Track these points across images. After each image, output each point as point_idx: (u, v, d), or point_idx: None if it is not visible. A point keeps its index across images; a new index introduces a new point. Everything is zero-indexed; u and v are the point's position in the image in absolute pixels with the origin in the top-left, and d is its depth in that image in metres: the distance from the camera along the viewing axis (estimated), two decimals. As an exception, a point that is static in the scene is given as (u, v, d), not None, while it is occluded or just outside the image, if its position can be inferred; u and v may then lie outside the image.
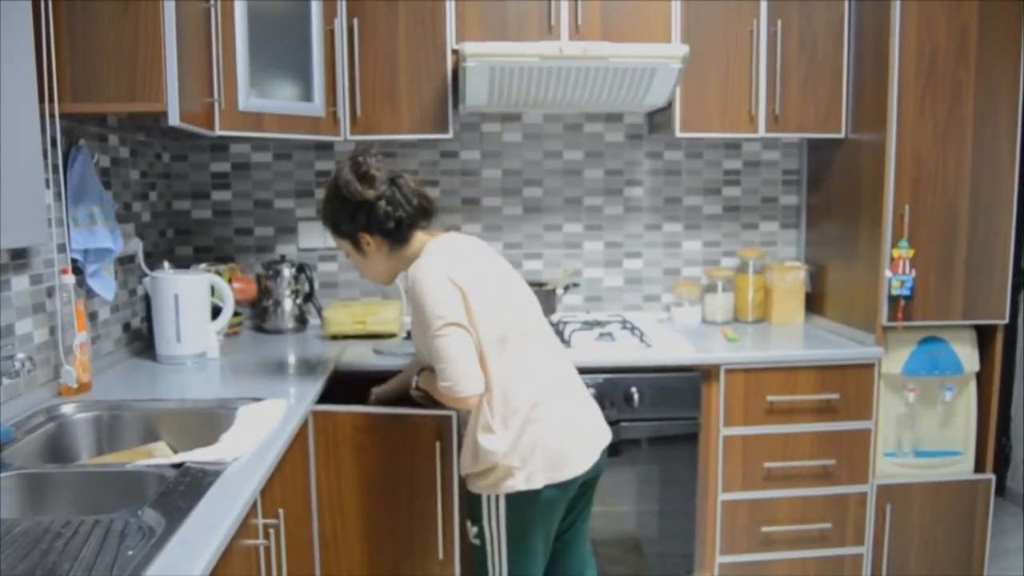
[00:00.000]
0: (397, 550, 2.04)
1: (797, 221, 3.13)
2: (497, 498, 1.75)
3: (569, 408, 1.82)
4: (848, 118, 2.70)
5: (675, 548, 2.51)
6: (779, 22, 2.63)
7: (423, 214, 1.84)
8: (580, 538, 1.97)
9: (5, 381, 1.70)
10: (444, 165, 3.00)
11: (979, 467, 2.65)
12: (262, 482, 1.42)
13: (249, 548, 1.40)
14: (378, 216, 1.78)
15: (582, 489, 1.87)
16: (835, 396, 2.50)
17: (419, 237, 1.86)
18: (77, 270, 2.04)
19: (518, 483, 1.72)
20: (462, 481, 1.88)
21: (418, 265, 1.78)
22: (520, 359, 1.76)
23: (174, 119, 1.87)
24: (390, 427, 2.00)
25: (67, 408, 1.83)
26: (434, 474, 1.98)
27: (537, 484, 1.73)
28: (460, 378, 1.69)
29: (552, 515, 1.80)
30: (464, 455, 1.80)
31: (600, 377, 2.37)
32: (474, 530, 1.83)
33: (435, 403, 1.88)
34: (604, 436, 1.88)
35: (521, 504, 1.75)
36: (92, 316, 2.21)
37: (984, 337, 2.61)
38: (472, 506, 1.83)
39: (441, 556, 2.02)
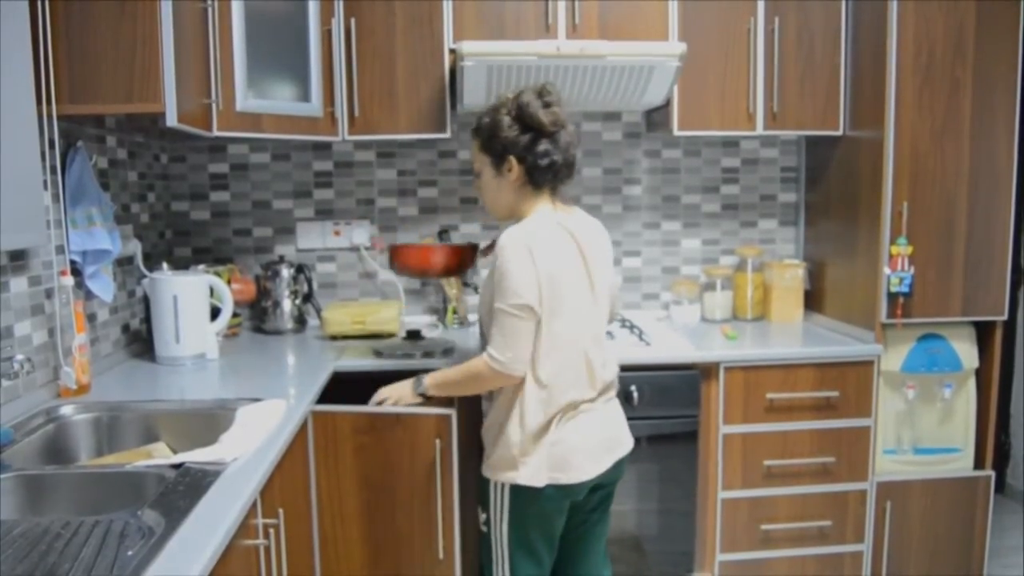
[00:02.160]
0: (397, 550, 2.04)
1: (796, 219, 3.13)
2: (503, 487, 1.79)
3: (594, 422, 1.81)
4: (846, 115, 2.70)
5: (675, 546, 2.51)
6: (776, 20, 2.63)
7: (567, 172, 1.82)
8: (593, 541, 1.97)
9: (4, 383, 1.70)
10: (442, 165, 3.00)
11: (979, 464, 2.65)
12: (262, 482, 1.42)
13: (249, 548, 1.40)
14: (536, 148, 1.76)
15: (595, 493, 1.88)
16: (834, 393, 2.50)
17: (545, 196, 1.84)
18: (76, 272, 2.04)
19: (521, 477, 1.74)
20: (464, 478, 1.89)
21: (517, 232, 1.74)
22: (570, 362, 1.77)
23: (172, 120, 1.87)
24: (390, 427, 2.00)
25: (66, 409, 1.83)
26: (434, 473, 1.98)
27: (539, 482, 1.74)
28: (516, 356, 1.71)
29: (554, 515, 1.81)
30: (487, 433, 1.85)
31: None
32: (483, 517, 1.86)
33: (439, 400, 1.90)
34: (622, 447, 1.88)
35: (523, 498, 1.77)
36: (91, 317, 2.21)
37: (983, 334, 2.61)
38: (481, 491, 1.86)
39: (441, 556, 2.01)
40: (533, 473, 1.73)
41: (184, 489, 1.32)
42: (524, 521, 1.80)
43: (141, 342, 2.52)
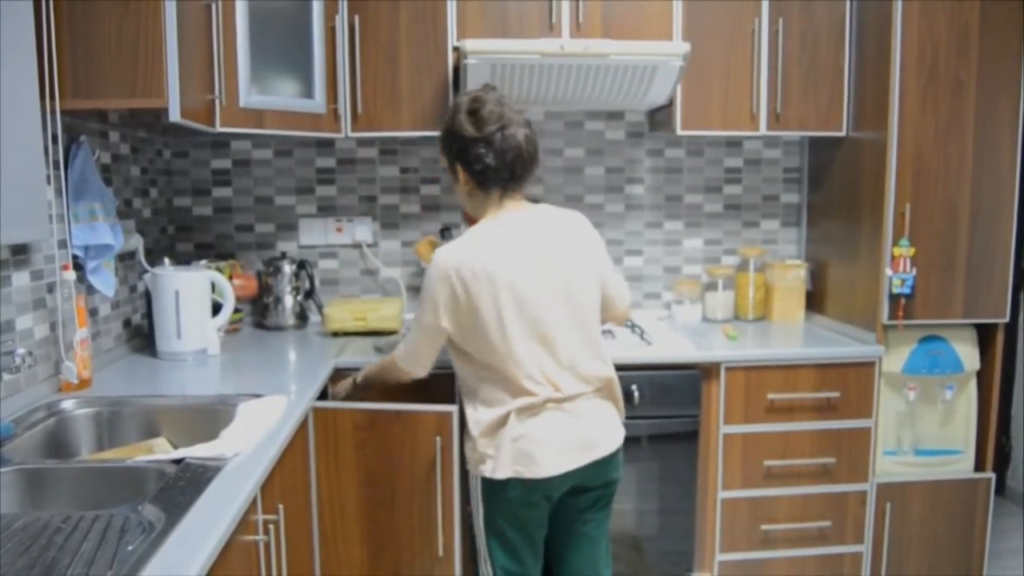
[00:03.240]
0: (397, 547, 2.04)
1: (798, 219, 3.13)
2: (477, 480, 1.84)
3: (561, 420, 1.79)
4: (849, 116, 2.70)
5: (675, 546, 2.51)
6: (780, 20, 2.63)
7: (511, 175, 1.83)
8: (587, 543, 1.95)
9: (5, 377, 1.70)
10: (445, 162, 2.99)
11: (979, 466, 2.65)
12: (262, 478, 1.42)
13: (249, 544, 1.40)
14: (469, 154, 1.81)
15: (583, 495, 1.87)
16: (835, 394, 2.50)
17: (495, 198, 1.86)
18: (78, 266, 2.05)
19: (487, 469, 1.79)
20: (466, 475, 1.90)
21: (445, 251, 1.81)
22: (514, 363, 1.76)
23: (175, 115, 1.87)
24: (390, 423, 2.00)
25: (67, 404, 1.83)
26: (434, 471, 1.98)
27: (501, 475, 1.77)
28: (411, 358, 1.94)
29: (521, 509, 1.82)
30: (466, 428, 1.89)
31: (600, 375, 2.37)
32: (468, 508, 1.91)
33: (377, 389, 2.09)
34: (598, 448, 1.83)
35: (492, 492, 1.82)
36: (93, 312, 2.21)
37: (985, 336, 2.61)
38: (465, 483, 1.92)
39: (441, 553, 2.02)
40: (496, 466, 1.77)
41: (184, 484, 1.33)
42: (494, 513, 1.84)
43: (142, 337, 2.53)
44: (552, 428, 1.78)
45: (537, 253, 1.80)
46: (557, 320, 1.80)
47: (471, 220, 1.97)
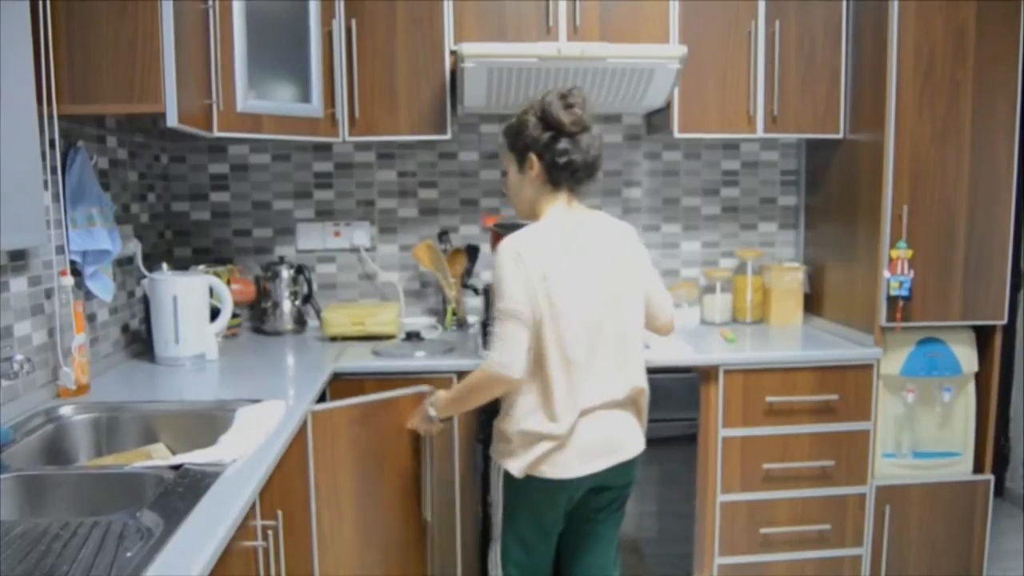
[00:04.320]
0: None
1: (796, 222, 3.13)
2: (500, 471, 1.85)
3: (590, 424, 1.80)
4: (846, 119, 2.70)
5: (674, 549, 2.50)
6: (777, 23, 2.63)
7: (587, 174, 1.83)
8: (599, 543, 1.96)
9: (4, 383, 1.70)
10: (442, 166, 3.00)
11: (978, 468, 2.65)
12: (261, 483, 1.42)
13: (248, 549, 1.40)
14: (555, 146, 1.80)
15: (600, 494, 1.88)
16: (834, 397, 2.50)
17: (562, 196, 1.85)
18: (76, 272, 2.04)
19: (511, 465, 1.80)
20: (485, 462, 1.95)
21: (512, 238, 1.79)
22: (579, 368, 1.77)
23: (172, 120, 1.87)
24: (380, 412, 2.05)
25: (66, 410, 1.83)
26: (421, 441, 2.07)
27: (524, 473, 1.78)
28: (510, 359, 1.74)
29: (542, 507, 1.84)
30: (497, 418, 1.88)
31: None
32: (488, 498, 1.96)
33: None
34: (622, 452, 1.85)
35: (512, 486, 1.84)
36: (91, 318, 2.21)
37: (983, 338, 2.61)
38: (486, 471, 1.97)
39: (428, 518, 2.05)
40: (521, 464, 1.78)
41: (183, 490, 1.32)
42: (514, 507, 1.86)
43: (140, 342, 2.52)
44: (580, 431, 1.78)
45: (591, 255, 1.82)
46: (603, 329, 1.81)
47: (526, 213, 1.93)
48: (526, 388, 1.78)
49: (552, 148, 1.80)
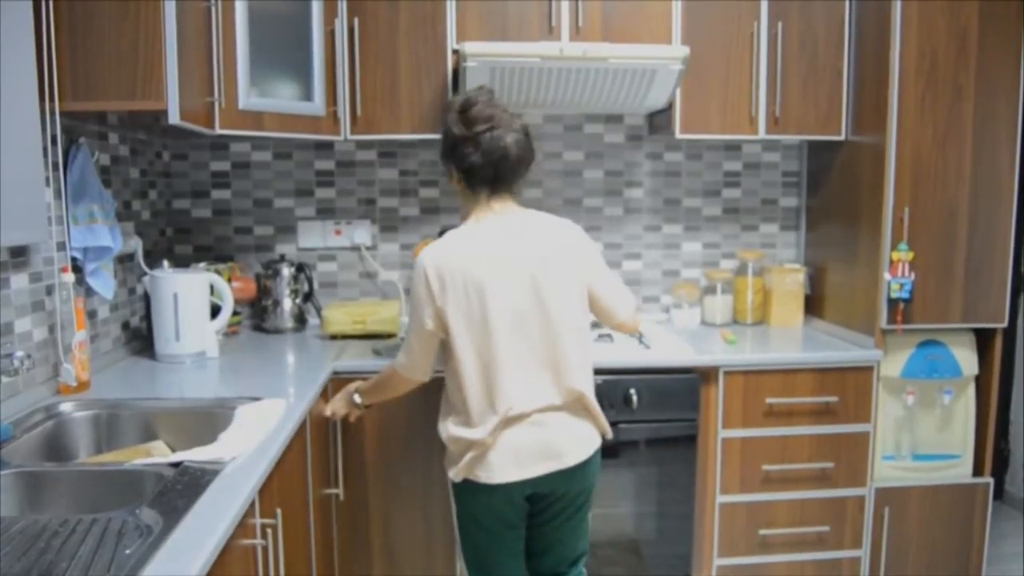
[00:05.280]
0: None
1: (797, 223, 3.13)
2: (450, 480, 1.87)
3: (524, 429, 1.77)
4: (848, 120, 2.70)
5: (673, 550, 2.50)
6: (779, 24, 2.63)
7: (495, 175, 1.82)
8: (560, 546, 1.94)
9: (4, 379, 1.70)
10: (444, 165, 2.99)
11: (978, 471, 2.65)
12: (260, 482, 1.42)
13: (247, 548, 1.40)
14: (457, 153, 1.82)
15: (545, 503, 1.87)
16: (834, 399, 2.50)
17: (482, 198, 1.85)
18: (77, 268, 2.04)
19: (450, 471, 1.84)
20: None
21: (427, 249, 1.84)
22: (499, 370, 1.75)
23: (174, 118, 1.87)
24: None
25: (66, 406, 1.83)
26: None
27: (459, 478, 1.81)
28: (411, 363, 1.89)
29: (481, 514, 1.84)
30: None
31: (599, 378, 2.35)
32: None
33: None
34: (560, 460, 1.79)
35: (458, 492, 1.86)
36: (91, 314, 2.21)
37: (983, 340, 2.61)
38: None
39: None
40: (458, 469, 1.80)
41: (182, 488, 1.32)
42: (462, 511, 1.89)
43: (141, 339, 2.52)
44: (512, 436, 1.77)
45: (510, 255, 1.79)
46: (526, 330, 1.77)
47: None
48: (449, 395, 1.84)
49: (455, 155, 1.84)
